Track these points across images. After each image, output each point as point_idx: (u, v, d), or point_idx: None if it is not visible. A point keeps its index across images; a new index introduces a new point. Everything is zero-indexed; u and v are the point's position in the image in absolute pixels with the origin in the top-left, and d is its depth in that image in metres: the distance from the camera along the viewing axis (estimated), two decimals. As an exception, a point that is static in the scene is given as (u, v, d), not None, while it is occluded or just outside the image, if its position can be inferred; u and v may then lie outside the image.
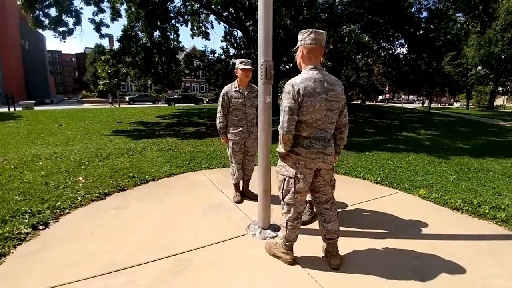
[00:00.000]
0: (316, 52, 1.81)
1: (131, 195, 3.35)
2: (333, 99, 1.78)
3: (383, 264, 2.03)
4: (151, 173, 4.19)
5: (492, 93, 31.39)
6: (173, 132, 9.27)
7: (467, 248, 2.26)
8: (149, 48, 9.73)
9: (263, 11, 2.09)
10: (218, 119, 3.00)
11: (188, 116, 15.78)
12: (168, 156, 5.36)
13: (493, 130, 10.91)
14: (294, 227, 1.93)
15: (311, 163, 1.81)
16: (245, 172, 3.21)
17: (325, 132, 1.82)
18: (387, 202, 3.27)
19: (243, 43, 17.59)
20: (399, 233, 2.50)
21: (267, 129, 2.29)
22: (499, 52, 20.39)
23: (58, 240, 2.29)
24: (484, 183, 3.87)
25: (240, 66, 2.82)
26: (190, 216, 2.78)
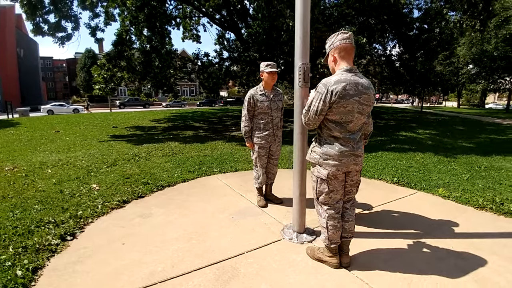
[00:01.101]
0: (348, 50, 1.80)
1: (151, 202, 3.27)
2: (365, 103, 1.78)
3: (429, 263, 2.03)
4: (164, 179, 4.11)
5: (483, 91, 32.39)
6: (172, 136, 9.18)
7: (503, 246, 2.29)
8: (149, 52, 9.60)
9: (301, 13, 2.07)
10: (243, 123, 2.95)
11: (183, 120, 15.68)
12: (176, 161, 5.28)
13: (491, 128, 11.23)
14: (335, 227, 1.90)
15: (343, 166, 1.80)
16: (269, 176, 3.17)
17: (354, 134, 1.82)
18: (409, 202, 3.28)
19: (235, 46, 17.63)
20: (433, 232, 2.51)
21: (303, 133, 2.26)
22: (492, 50, 21.03)
23: (90, 251, 2.19)
24: (500, 181, 3.95)
25: (267, 69, 2.78)
26: (219, 223, 2.72)
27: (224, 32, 18.31)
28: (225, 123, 14.27)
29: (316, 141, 1.95)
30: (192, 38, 18.70)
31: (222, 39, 18.39)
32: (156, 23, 8.40)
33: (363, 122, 1.87)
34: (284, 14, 7.03)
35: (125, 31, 9.57)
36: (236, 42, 17.62)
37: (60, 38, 8.95)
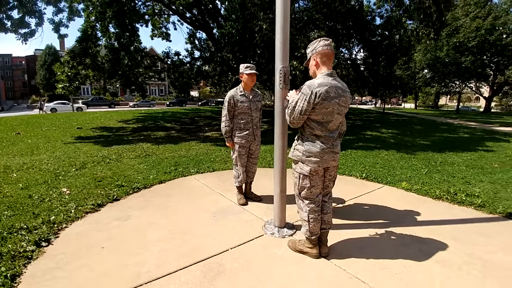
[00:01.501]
0: (329, 56, 1.97)
1: (127, 205, 3.17)
2: (343, 105, 1.96)
3: (396, 248, 2.26)
4: (139, 180, 4.00)
5: (437, 94, 35.60)
6: (143, 137, 8.87)
7: (460, 230, 2.61)
8: (117, 49, 9.13)
9: (281, 19, 2.18)
10: (224, 123, 2.99)
11: (153, 120, 15.15)
12: (150, 163, 5.14)
13: (444, 127, 12.43)
14: (315, 220, 2.05)
15: (323, 162, 1.96)
16: (248, 175, 3.24)
17: (333, 132, 2.00)
18: (377, 195, 3.57)
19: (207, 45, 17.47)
20: (399, 221, 2.77)
21: (283, 133, 2.38)
22: (444, 56, 23.27)
23: (68, 256, 2.09)
24: (453, 174, 4.44)
25: (246, 71, 2.86)
26: (202, 222, 2.73)
27: (195, 31, 18.02)
28: (197, 123, 14.06)
29: (299, 139, 2.08)
30: (161, 36, 18.15)
31: (193, 38, 18.09)
32: (126, 20, 8.03)
33: (340, 121, 2.04)
34: (257, 16, 7.16)
35: (90, 27, 9.02)
36: (208, 42, 17.45)
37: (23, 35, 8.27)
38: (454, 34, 22.64)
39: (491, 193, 3.58)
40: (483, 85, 29.48)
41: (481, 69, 23.95)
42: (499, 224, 2.78)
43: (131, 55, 9.04)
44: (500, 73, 25.33)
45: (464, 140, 8.50)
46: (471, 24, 22.18)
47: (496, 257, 2.18)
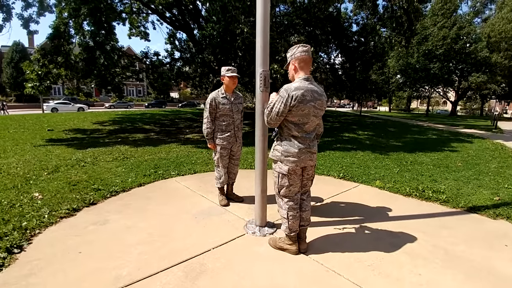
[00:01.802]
0: (307, 61, 2.08)
1: (105, 209, 3.09)
2: (319, 107, 2.08)
3: (370, 242, 2.40)
4: (117, 184, 3.90)
5: (408, 98, 37.63)
6: (120, 139, 8.60)
7: (427, 224, 2.83)
8: (92, 48, 8.76)
9: (261, 25, 2.26)
10: (205, 124, 3.01)
11: (131, 122, 14.74)
12: (128, 165, 5.02)
13: (415, 130, 13.17)
14: (294, 217, 2.14)
15: (301, 162, 2.07)
16: (230, 176, 3.29)
17: (310, 133, 2.11)
18: (353, 193, 3.75)
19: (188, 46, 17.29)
20: (373, 217, 2.94)
21: (264, 135, 2.45)
22: (415, 63, 24.74)
23: (42, 262, 2.02)
24: (422, 173, 4.76)
25: (228, 74, 2.91)
26: (183, 224, 2.73)
27: (175, 32, 17.77)
28: (178, 125, 13.83)
29: (278, 140, 2.17)
30: (140, 35, 17.70)
31: (173, 38, 17.83)
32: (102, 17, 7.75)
33: (317, 123, 2.16)
34: (239, 19, 7.23)
35: (63, 24, 8.60)
36: (189, 43, 17.27)
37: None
38: (423, 42, 24.15)
39: (454, 189, 3.89)
40: (450, 90, 31.63)
41: (448, 75, 25.71)
42: (461, 217, 3.03)
43: (108, 54, 8.73)
44: (464, 79, 27.34)
45: (432, 141, 9.09)
46: (439, 33, 23.78)
47: (458, 248, 2.39)
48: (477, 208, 3.21)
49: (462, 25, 24.18)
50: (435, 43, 23.87)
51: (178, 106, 38.71)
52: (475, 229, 2.75)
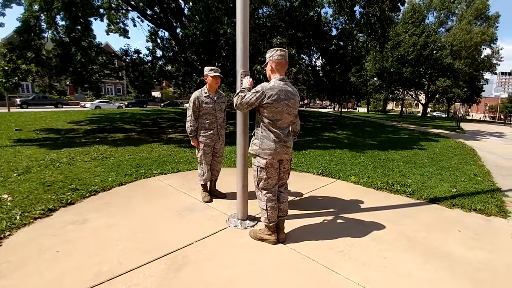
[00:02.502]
0: (283, 65, 2.27)
1: (84, 208, 3.07)
2: (292, 106, 2.25)
3: (342, 231, 2.60)
4: (97, 183, 3.85)
5: (385, 100, 39.43)
6: (98, 139, 8.35)
7: (394, 214, 3.09)
8: (67, 44, 8.41)
9: (241, 27, 2.39)
10: (189, 122, 3.09)
11: (110, 121, 14.29)
12: (108, 165, 4.94)
13: (390, 129, 13.88)
14: (273, 208, 2.30)
15: (277, 155, 2.23)
16: (213, 173, 3.38)
17: (283, 129, 2.28)
18: (330, 188, 3.97)
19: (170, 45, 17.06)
20: (346, 209, 3.16)
21: (244, 132, 2.58)
22: (389, 67, 26.07)
23: (14, 264, 1.99)
24: (392, 169, 5.10)
25: (211, 74, 3.01)
26: (166, 220, 2.79)
27: (156, 30, 17.44)
28: (160, 125, 13.59)
29: (255, 135, 2.32)
30: (119, 32, 17.17)
31: (155, 36, 17.47)
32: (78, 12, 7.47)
33: (290, 120, 2.33)
34: (222, 20, 7.29)
35: (33, 18, 8.17)
36: (171, 41, 17.01)
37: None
38: (396, 48, 25.52)
39: (420, 183, 4.23)
40: (420, 93, 33.55)
41: (418, 79, 27.33)
42: (423, 208, 3.33)
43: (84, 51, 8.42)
44: (433, 83, 29.19)
45: (404, 140, 9.66)
46: (410, 40, 25.21)
47: (420, 234, 2.65)
48: (438, 199, 3.54)
49: (429, 34, 25.82)
50: (406, 49, 25.28)
51: (160, 106, 37.91)
52: (434, 217, 3.05)
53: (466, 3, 30.01)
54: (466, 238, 2.61)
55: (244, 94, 2.26)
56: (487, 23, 30.03)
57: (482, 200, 3.52)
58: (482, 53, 30.89)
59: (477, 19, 29.99)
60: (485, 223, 2.94)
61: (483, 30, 28.26)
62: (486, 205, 3.34)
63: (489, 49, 31.45)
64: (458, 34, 27.78)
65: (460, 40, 27.42)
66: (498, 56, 32.02)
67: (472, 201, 3.47)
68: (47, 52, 9.45)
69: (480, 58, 30.55)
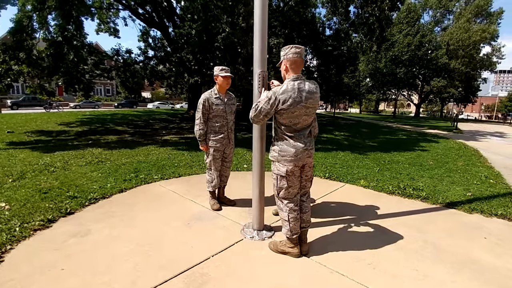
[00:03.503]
0: (298, 64, 2.07)
1: (85, 218, 2.84)
2: (311, 106, 2.07)
3: (365, 241, 2.46)
4: (95, 190, 3.62)
5: (377, 100, 39.91)
6: (91, 141, 8.03)
7: (413, 220, 2.97)
8: (60, 43, 8.05)
9: (260, 24, 2.22)
10: (198, 125, 2.90)
11: (101, 123, 13.84)
12: (105, 170, 4.69)
13: (386, 130, 13.93)
14: (295, 219, 2.13)
15: (298, 161, 2.07)
16: (222, 179, 3.19)
17: (303, 131, 2.09)
18: (341, 193, 3.84)
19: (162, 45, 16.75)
20: (363, 216, 3.03)
21: (261, 136, 2.41)
22: (382, 67, 26.33)
23: (19, 283, 1.78)
24: (400, 172, 5.01)
25: (221, 74, 2.83)
26: (175, 231, 2.59)
27: (148, 29, 17.12)
28: (153, 126, 13.24)
29: (274, 140, 2.17)
30: (109, 32, 16.78)
31: (147, 36, 17.21)
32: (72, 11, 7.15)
33: (310, 122, 2.14)
34: (220, 19, 7.11)
35: (26, 18, 7.82)
36: (163, 41, 16.70)
37: None
38: (390, 48, 25.82)
39: (431, 186, 4.15)
40: (414, 93, 34.06)
41: (412, 79, 27.70)
42: (441, 213, 3.23)
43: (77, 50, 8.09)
44: (427, 83, 29.62)
45: (403, 141, 9.66)
46: (404, 40, 25.55)
47: (444, 242, 2.54)
48: (454, 204, 3.45)
49: (424, 33, 26.20)
50: (400, 49, 25.61)
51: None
52: (454, 223, 2.95)
53: (465, 0, 29.91)
54: (491, 244, 2.52)
55: (256, 105, 2.10)
56: (488, 20, 29.61)
57: (501, 204, 3.44)
58: (481, 51, 30.35)
59: (476, 17, 29.71)
60: (508, 229, 2.85)
61: (483, 28, 28.00)
62: (507, 209, 3.26)
63: (489, 47, 30.93)
64: (456, 33, 27.89)
65: (458, 39, 27.55)
66: (499, 54, 31.55)
67: (491, 205, 3.39)
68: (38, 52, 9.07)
69: (478, 56, 30.25)
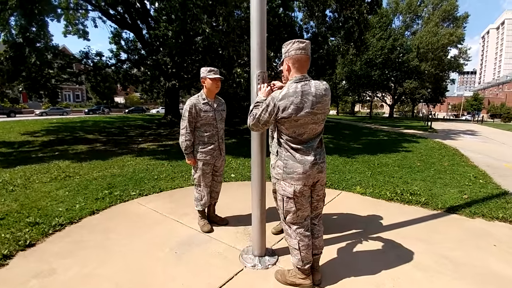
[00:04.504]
0: (303, 62, 1.72)
1: (49, 252, 2.35)
2: (319, 111, 1.70)
3: (379, 260, 2.22)
4: (61, 213, 3.10)
5: (353, 102, 41.21)
6: (57, 153, 7.25)
7: (420, 230, 2.80)
8: (21, 45, 7.18)
9: (257, 20, 1.91)
10: (184, 136, 2.51)
11: (70, 131, 12.77)
12: (73, 187, 4.13)
13: (366, 132, 14.17)
14: (307, 247, 1.81)
15: (308, 178, 1.71)
16: (213, 195, 2.82)
17: (311, 142, 1.74)
18: (339, 202, 3.62)
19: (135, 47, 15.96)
20: (368, 228, 2.80)
21: (261, 149, 2.09)
22: (358, 70, 27.18)
23: None
24: (392, 175, 4.92)
25: (210, 76, 2.47)
26: (162, 263, 2.18)
27: (120, 31, 16.25)
28: (128, 133, 12.43)
29: (277, 155, 1.82)
30: (78, 34, 15.69)
31: (119, 38, 16.35)
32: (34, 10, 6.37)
33: (320, 131, 1.79)
34: (200, 18, 6.72)
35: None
36: (136, 43, 15.90)
37: None
38: (365, 52, 26.74)
39: (427, 190, 4.06)
40: (387, 95, 35.56)
41: (386, 81, 28.88)
42: (445, 219, 3.10)
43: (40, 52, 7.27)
44: (399, 85, 31.04)
45: (385, 143, 9.80)
46: (377, 43, 26.56)
47: (456, 254, 2.37)
48: (454, 209, 3.35)
49: (396, 37, 27.44)
50: (374, 53, 26.60)
51: (124, 112, 35.76)
52: (461, 230, 2.81)
53: (433, 5, 31.65)
54: (504, 253, 2.38)
55: (255, 111, 1.77)
56: (454, 24, 31.57)
57: (499, 206, 3.40)
58: (448, 54, 32.25)
59: (444, 21, 31.58)
60: (515, 234, 2.76)
61: (451, 31, 29.76)
62: (506, 211, 3.21)
63: (456, 49, 32.96)
64: (425, 37, 29.53)
65: (427, 42, 29.16)
66: (465, 56, 33.55)
67: (489, 208, 3.33)
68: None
69: (446, 59, 32.06)
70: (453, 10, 30.71)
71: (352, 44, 12.26)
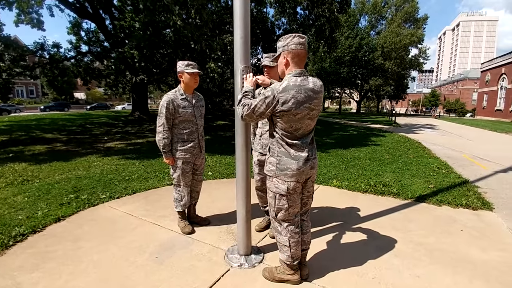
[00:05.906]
0: (302, 56, 1.71)
1: (10, 265, 2.09)
2: (315, 107, 1.73)
3: (361, 251, 2.30)
4: (21, 222, 2.79)
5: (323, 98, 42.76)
6: (12, 154, 6.53)
7: (394, 219, 2.96)
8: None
9: (241, 10, 1.83)
10: (161, 134, 2.36)
11: (26, 130, 11.61)
12: (32, 192, 3.75)
13: (337, 127, 14.72)
14: (297, 243, 1.81)
15: (301, 175, 1.72)
16: (193, 195, 2.71)
17: (305, 138, 1.75)
18: (318, 196, 3.63)
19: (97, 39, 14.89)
20: (349, 220, 2.91)
21: (246, 143, 2.03)
22: (327, 67, 28.08)
23: None
24: (364, 168, 5.15)
25: (188, 70, 2.34)
26: (142, 269, 2.04)
27: (80, 21, 14.99)
28: (91, 132, 11.59)
29: (270, 151, 1.79)
30: (31, 24, 14.15)
31: (78, 28, 15.07)
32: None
33: (313, 127, 1.81)
34: (172, 10, 6.38)
35: None
36: (98, 34, 14.82)
37: None
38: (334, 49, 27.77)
39: (397, 181, 4.31)
40: (355, 91, 37.32)
41: (353, 78, 30.26)
42: (415, 208, 3.31)
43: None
44: (366, 82, 32.71)
45: (355, 137, 10.26)
46: (345, 42, 27.64)
47: (429, 240, 2.54)
48: (423, 198, 3.59)
49: (362, 36, 28.77)
50: (343, 51, 27.67)
51: (86, 109, 33.28)
52: (431, 218, 3.04)
53: (396, 7, 33.55)
54: (471, 238, 2.60)
55: (249, 101, 1.72)
56: (415, 25, 33.71)
57: (461, 194, 3.71)
58: (410, 53, 34.46)
59: (406, 22, 33.58)
60: (478, 219, 3.04)
61: (412, 32, 31.78)
62: (468, 198, 3.52)
63: (416, 49, 35.34)
64: (389, 37, 31.30)
65: (391, 42, 30.96)
66: (425, 55, 36.02)
67: (453, 195, 3.63)
68: None
69: (408, 58, 34.25)
70: (414, 12, 32.91)
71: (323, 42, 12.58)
